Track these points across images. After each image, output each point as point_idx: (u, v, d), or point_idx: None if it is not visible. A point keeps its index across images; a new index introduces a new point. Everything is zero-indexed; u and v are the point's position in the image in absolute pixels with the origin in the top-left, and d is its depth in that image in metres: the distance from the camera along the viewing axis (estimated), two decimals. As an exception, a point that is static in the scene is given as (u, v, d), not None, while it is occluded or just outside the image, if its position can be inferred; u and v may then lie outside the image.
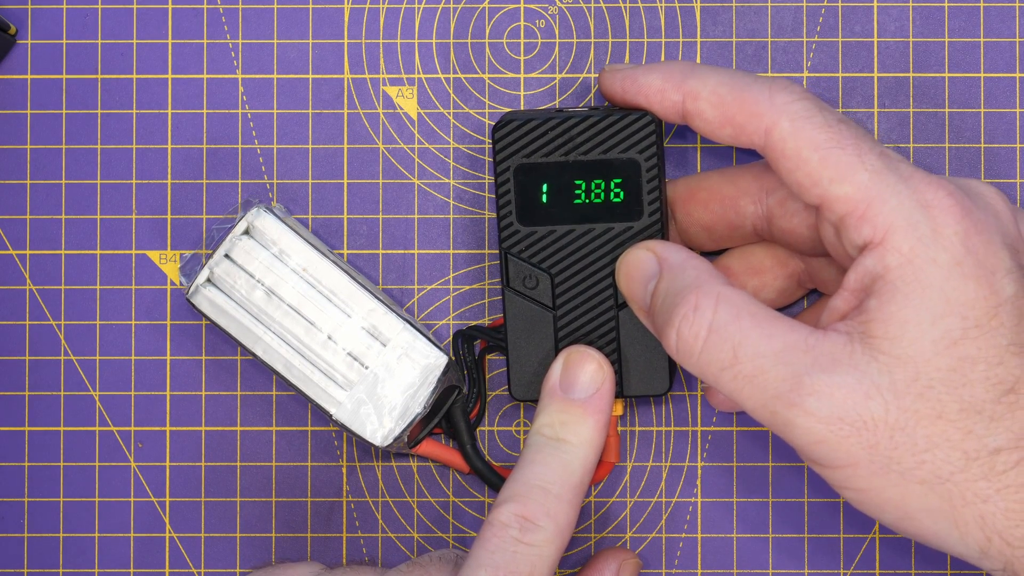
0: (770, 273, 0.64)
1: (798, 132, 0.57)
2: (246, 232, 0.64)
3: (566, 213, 0.62)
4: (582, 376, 0.61)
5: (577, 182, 0.62)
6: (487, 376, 0.67)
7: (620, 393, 0.63)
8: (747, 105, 0.58)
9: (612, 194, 0.62)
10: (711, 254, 0.65)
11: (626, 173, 0.62)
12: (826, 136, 0.57)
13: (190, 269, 0.65)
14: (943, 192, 0.56)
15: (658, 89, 0.60)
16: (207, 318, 0.64)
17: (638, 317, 0.61)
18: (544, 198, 0.62)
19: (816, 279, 0.64)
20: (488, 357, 0.67)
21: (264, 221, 0.64)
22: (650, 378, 0.63)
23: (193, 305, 0.64)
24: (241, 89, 0.67)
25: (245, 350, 0.64)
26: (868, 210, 0.56)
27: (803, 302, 0.66)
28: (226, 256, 0.64)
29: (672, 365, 0.63)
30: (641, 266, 0.60)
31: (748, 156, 0.66)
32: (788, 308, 0.66)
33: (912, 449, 0.54)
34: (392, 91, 0.67)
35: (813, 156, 0.57)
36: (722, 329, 0.56)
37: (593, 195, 0.62)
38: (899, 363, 0.55)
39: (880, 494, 0.55)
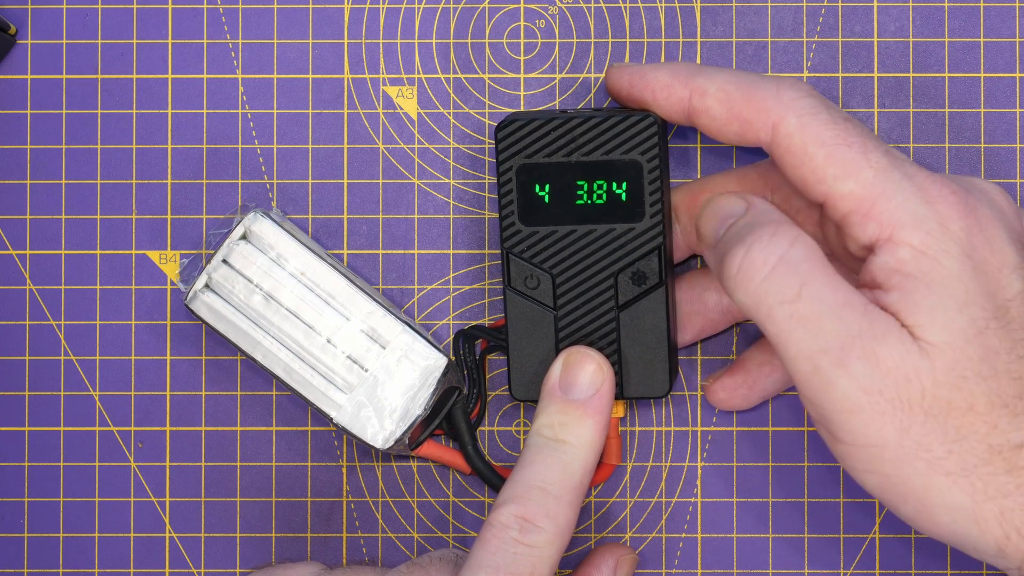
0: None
1: (805, 128, 0.57)
2: (243, 237, 0.64)
3: (568, 213, 0.62)
4: (582, 377, 0.61)
5: (579, 183, 0.62)
6: (487, 376, 0.67)
7: (620, 394, 0.63)
8: (754, 101, 0.58)
9: (614, 195, 0.62)
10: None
11: (628, 174, 0.62)
12: (832, 133, 0.57)
13: (188, 274, 0.65)
14: (947, 190, 0.56)
15: (665, 85, 0.60)
16: (206, 324, 0.64)
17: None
18: (546, 198, 0.62)
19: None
20: (488, 357, 0.67)
21: (261, 226, 0.64)
22: (650, 380, 0.63)
23: (192, 311, 0.64)
24: (241, 89, 0.67)
25: (245, 355, 0.64)
26: (873, 208, 0.56)
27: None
28: (224, 261, 0.64)
29: (672, 366, 0.63)
30: (728, 205, 0.59)
31: (750, 157, 0.66)
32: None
33: (942, 438, 0.54)
34: (392, 91, 0.67)
35: (819, 152, 0.57)
36: (794, 263, 0.55)
37: (595, 196, 0.62)
38: (937, 350, 0.54)
39: (905, 482, 0.55)
